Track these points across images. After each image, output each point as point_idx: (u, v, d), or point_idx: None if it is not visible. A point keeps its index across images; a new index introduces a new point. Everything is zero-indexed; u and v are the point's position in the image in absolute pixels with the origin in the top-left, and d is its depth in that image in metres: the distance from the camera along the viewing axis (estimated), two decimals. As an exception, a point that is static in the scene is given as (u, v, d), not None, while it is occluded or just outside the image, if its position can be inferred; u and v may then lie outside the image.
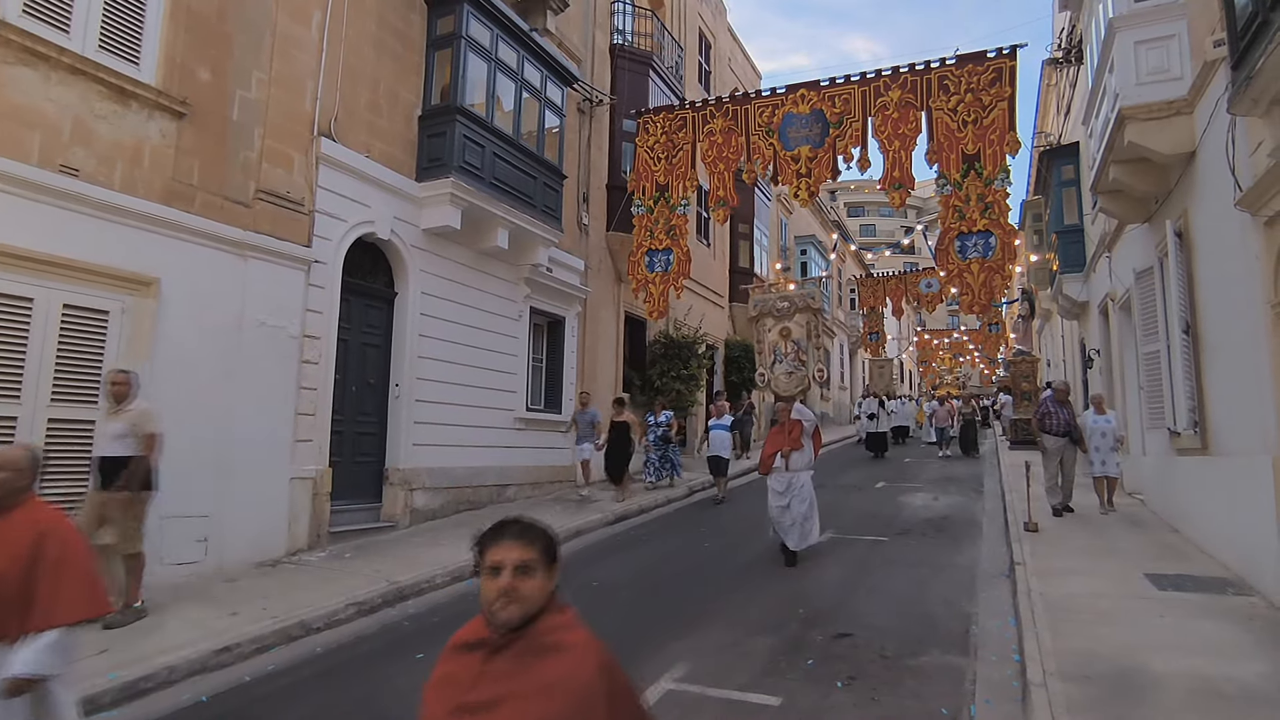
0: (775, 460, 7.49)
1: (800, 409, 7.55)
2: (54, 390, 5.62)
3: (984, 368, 44.41)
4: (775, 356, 8.38)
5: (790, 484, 7.34)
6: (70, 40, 5.79)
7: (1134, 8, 6.98)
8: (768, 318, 8.49)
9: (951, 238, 8.99)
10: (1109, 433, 9.13)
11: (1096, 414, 9.29)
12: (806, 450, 7.55)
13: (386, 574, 6.59)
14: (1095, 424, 9.17)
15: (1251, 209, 5.24)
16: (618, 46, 14.21)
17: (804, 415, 7.57)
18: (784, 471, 7.41)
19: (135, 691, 4.32)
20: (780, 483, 7.41)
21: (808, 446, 7.56)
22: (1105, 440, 9.09)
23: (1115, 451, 9.14)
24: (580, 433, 10.83)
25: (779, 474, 7.44)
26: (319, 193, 7.87)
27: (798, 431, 7.51)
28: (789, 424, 7.55)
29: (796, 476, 7.40)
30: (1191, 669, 4.20)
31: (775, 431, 7.75)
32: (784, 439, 7.51)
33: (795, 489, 7.33)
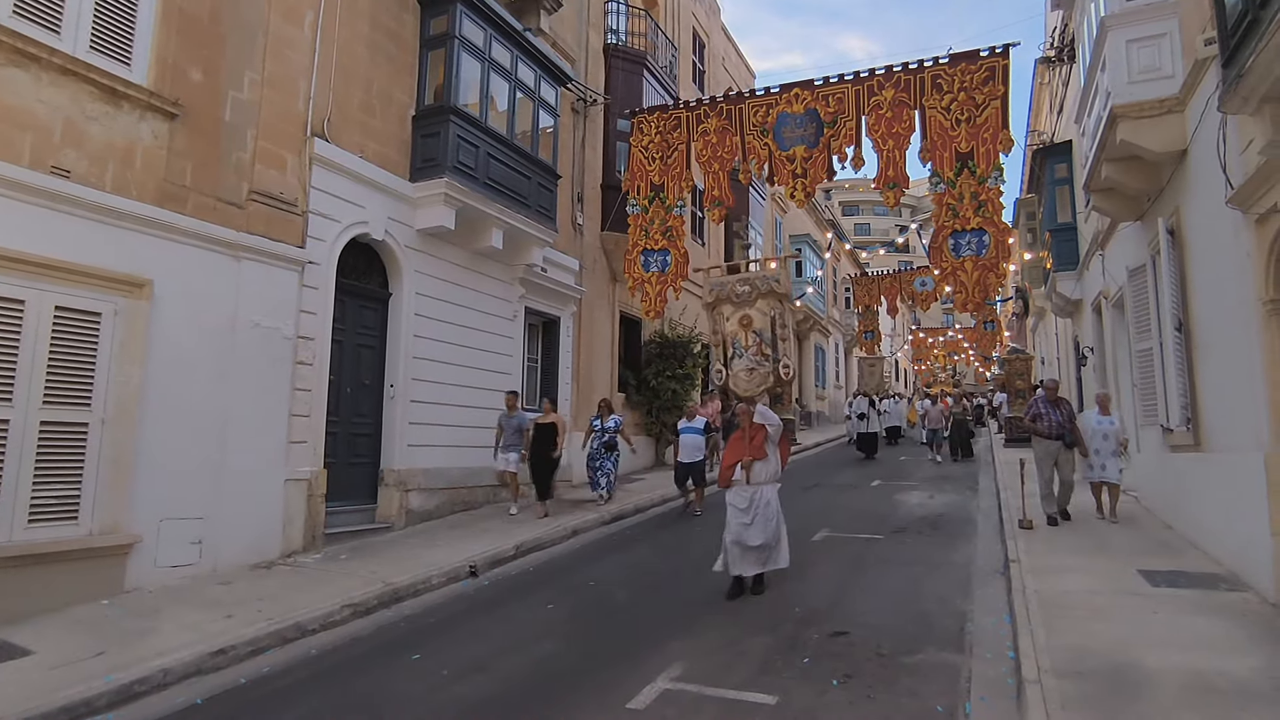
0: (735, 472, 6.46)
1: (763, 412, 6.50)
2: (46, 393, 5.59)
3: (979, 366, 44.56)
4: (734, 350, 6.94)
5: (754, 500, 6.36)
6: (61, 41, 5.77)
7: (1125, 6, 7.01)
8: (725, 304, 7.06)
9: (945, 236, 9.00)
10: (1111, 435, 8.43)
11: (1100, 414, 8.64)
12: (772, 460, 6.48)
13: (382, 575, 6.58)
14: (1098, 425, 8.50)
15: (1243, 206, 5.27)
16: (612, 46, 14.20)
17: (768, 419, 6.46)
18: (745, 485, 6.41)
19: (130, 694, 4.31)
20: (741, 499, 6.39)
21: (773, 455, 6.51)
22: (1107, 443, 8.40)
23: (1118, 456, 8.45)
24: (506, 440, 9.55)
25: (740, 488, 6.43)
26: (312, 193, 7.85)
27: (760, 438, 6.44)
28: (750, 429, 6.49)
29: (760, 491, 6.38)
30: (1185, 664, 4.22)
31: (735, 438, 6.68)
32: (745, 447, 6.47)
33: (759, 505, 6.33)
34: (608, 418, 10.65)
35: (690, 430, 10.40)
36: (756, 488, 6.37)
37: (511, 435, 9.51)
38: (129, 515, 6.01)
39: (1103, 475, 8.46)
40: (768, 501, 6.35)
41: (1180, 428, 7.03)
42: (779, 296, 6.95)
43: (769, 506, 6.35)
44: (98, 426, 5.90)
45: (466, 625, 5.76)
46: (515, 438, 9.51)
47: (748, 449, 6.45)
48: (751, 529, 6.29)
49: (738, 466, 6.45)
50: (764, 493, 6.37)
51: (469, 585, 6.89)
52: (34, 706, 3.93)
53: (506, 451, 9.46)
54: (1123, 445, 8.53)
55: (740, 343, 6.95)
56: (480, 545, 7.83)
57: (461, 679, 4.64)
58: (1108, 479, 8.45)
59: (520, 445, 9.51)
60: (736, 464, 6.47)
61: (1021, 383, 19.37)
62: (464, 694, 4.42)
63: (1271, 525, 5.16)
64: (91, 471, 5.85)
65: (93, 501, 5.84)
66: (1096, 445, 8.43)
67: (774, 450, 6.53)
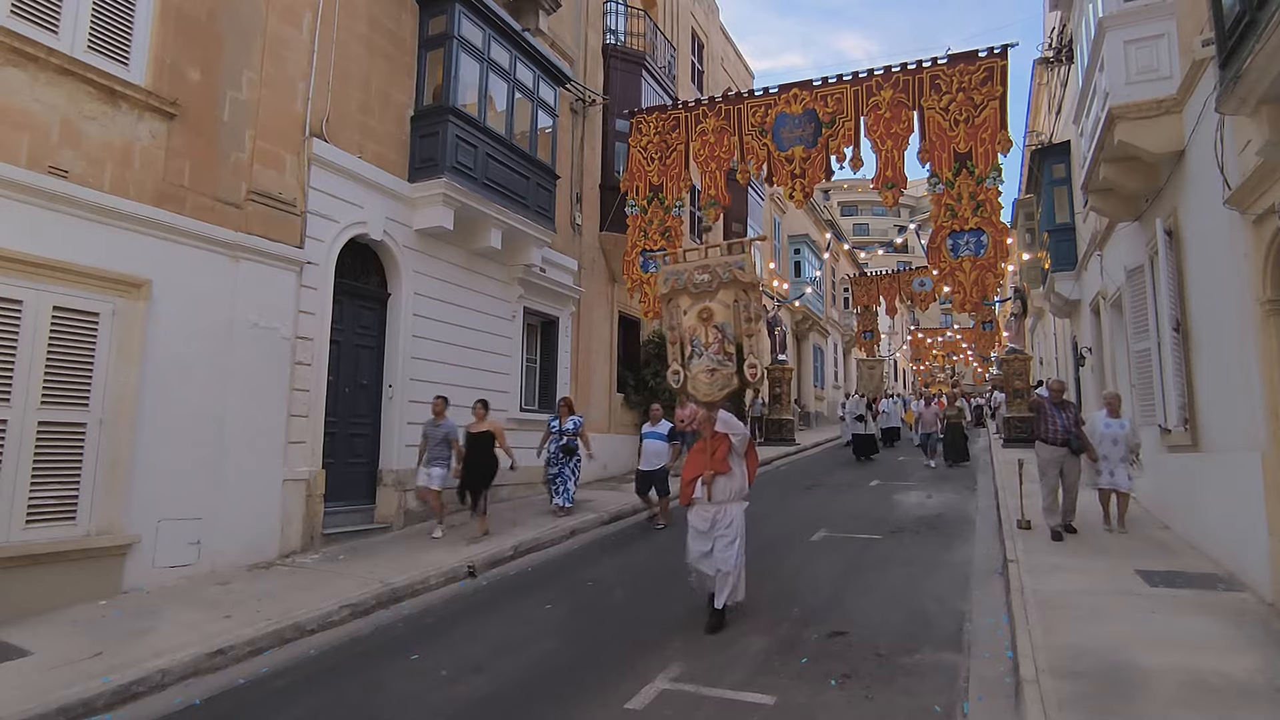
0: (696, 489, 5.66)
1: (726, 419, 5.66)
2: (44, 393, 5.58)
3: (977, 366, 44.62)
4: (693, 348, 5.97)
5: (715, 521, 5.53)
6: (59, 41, 5.76)
7: (1123, 7, 7.02)
8: (682, 296, 6.06)
9: (943, 236, 9.03)
10: (1121, 440, 7.76)
11: (1109, 417, 7.95)
12: (736, 474, 5.65)
13: (380, 576, 6.58)
14: (1107, 429, 7.84)
15: (1240, 207, 5.28)
16: (610, 46, 14.21)
17: (731, 427, 5.64)
18: (706, 503, 5.60)
19: (128, 695, 4.30)
20: (702, 519, 5.59)
21: (737, 469, 5.67)
22: (1116, 449, 7.75)
23: (1128, 463, 7.79)
24: (430, 452, 8.23)
25: (701, 507, 5.63)
26: (311, 194, 7.85)
27: (723, 450, 5.62)
28: (712, 440, 5.68)
29: (723, 511, 5.55)
30: (1182, 664, 4.23)
31: (696, 450, 5.87)
32: (706, 460, 5.66)
33: (720, 527, 5.50)
34: (566, 418, 9.64)
35: (653, 435, 9.57)
36: (719, 507, 5.57)
37: (437, 446, 8.23)
38: (127, 516, 6.01)
39: (1111, 482, 7.81)
40: (730, 522, 5.53)
41: (1178, 428, 7.04)
42: (744, 285, 5.85)
43: (731, 528, 5.52)
44: (95, 427, 5.89)
45: (465, 626, 5.76)
46: (442, 449, 8.25)
47: (709, 462, 5.63)
48: (710, 556, 5.50)
49: (698, 482, 5.63)
50: (727, 512, 5.57)
51: (467, 586, 6.89)
52: (32, 707, 3.93)
53: (430, 465, 8.19)
54: (1134, 451, 7.86)
55: (700, 340, 5.94)
56: (478, 546, 7.83)
57: (460, 679, 4.64)
58: (1117, 486, 7.81)
59: (448, 458, 8.25)
60: (697, 479, 5.65)
61: (1020, 383, 19.38)
62: (462, 694, 4.42)
63: (1268, 525, 5.18)
64: (89, 472, 5.84)
65: (90, 502, 5.84)
66: (1105, 450, 7.81)
67: (739, 463, 5.70)
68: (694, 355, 5.99)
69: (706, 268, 6.01)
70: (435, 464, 8.19)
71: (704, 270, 6.02)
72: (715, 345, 5.89)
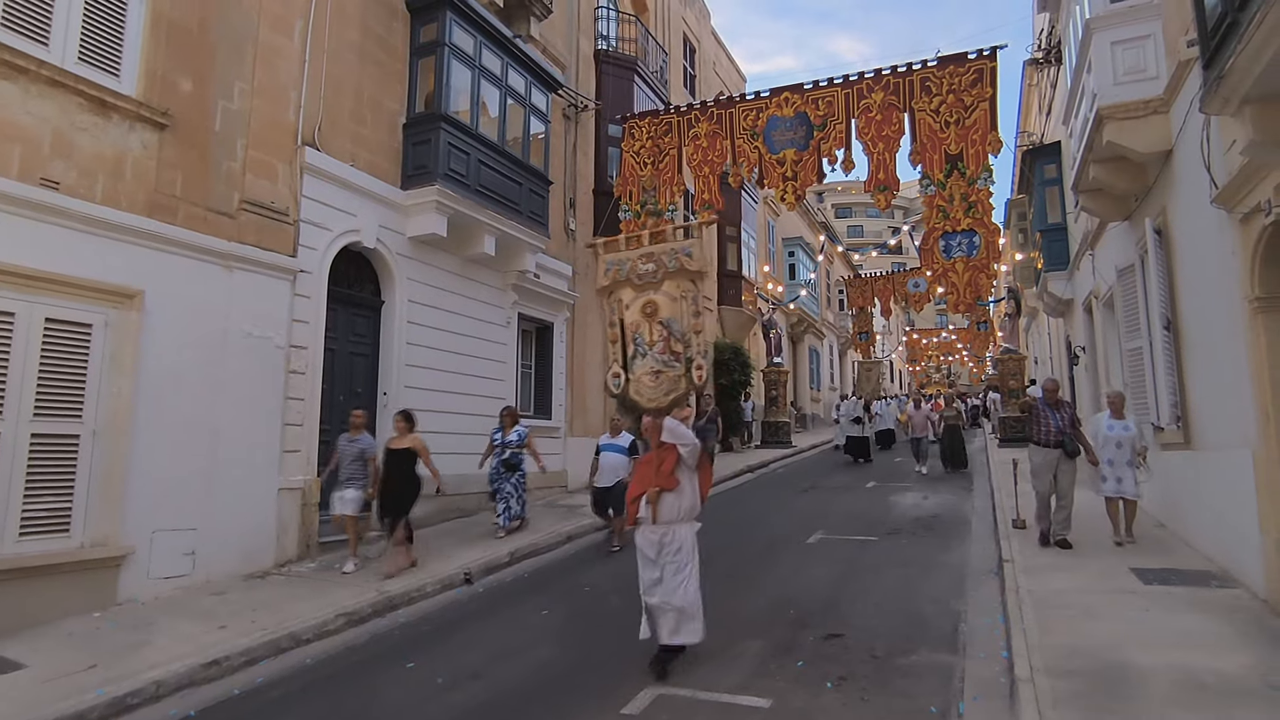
0: (640, 508, 4.91)
1: (674, 427, 4.91)
2: (36, 405, 5.57)
3: (973, 366, 44.72)
4: (636, 347, 5.29)
5: (663, 545, 4.82)
6: (49, 53, 5.77)
7: (1110, 8, 7.07)
8: (624, 288, 5.41)
9: (936, 237, 9.08)
10: (1126, 442, 7.21)
11: (1112, 418, 7.42)
12: (685, 491, 4.89)
13: (376, 584, 6.57)
14: (1110, 431, 7.30)
15: (1227, 206, 5.32)
16: (602, 52, 14.25)
17: (679, 437, 4.88)
18: (651, 525, 4.87)
19: (123, 707, 4.29)
20: (649, 544, 4.87)
21: (688, 485, 4.92)
22: (1122, 452, 7.20)
23: (1134, 467, 7.23)
24: (345, 471, 7.18)
25: (647, 529, 4.90)
26: (304, 202, 7.85)
27: (671, 462, 4.87)
28: (659, 452, 4.97)
29: (671, 532, 4.83)
30: (1176, 662, 4.25)
31: (642, 463, 5.21)
32: (652, 474, 4.94)
33: (669, 552, 4.80)
34: (510, 429, 8.79)
35: (612, 448, 8.67)
36: (666, 528, 4.84)
37: (351, 464, 7.18)
38: (121, 527, 5.99)
39: (1118, 490, 7.24)
40: (679, 547, 4.80)
41: (1170, 426, 7.07)
42: (692, 275, 5.19)
43: (680, 554, 4.79)
44: (89, 438, 5.88)
45: (461, 632, 5.76)
46: (357, 468, 7.18)
47: (655, 477, 4.90)
48: (659, 585, 4.80)
49: (642, 501, 4.90)
50: (676, 535, 4.83)
51: (463, 592, 6.88)
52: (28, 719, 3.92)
53: (344, 487, 7.13)
54: (1141, 454, 7.27)
55: (644, 338, 5.25)
56: (475, 552, 7.82)
57: (457, 686, 4.63)
58: (1124, 494, 7.23)
59: (365, 479, 7.19)
60: (641, 497, 4.92)
61: (1015, 382, 19.44)
62: (459, 702, 4.41)
63: (1260, 522, 5.20)
64: (83, 483, 5.83)
65: (84, 514, 5.82)
66: (1109, 455, 7.25)
67: (689, 478, 4.94)
68: (637, 355, 5.30)
69: (651, 256, 5.31)
70: (350, 485, 7.14)
71: (648, 259, 5.32)
72: (660, 343, 5.21)
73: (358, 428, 7.40)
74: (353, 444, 7.29)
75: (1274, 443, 5.05)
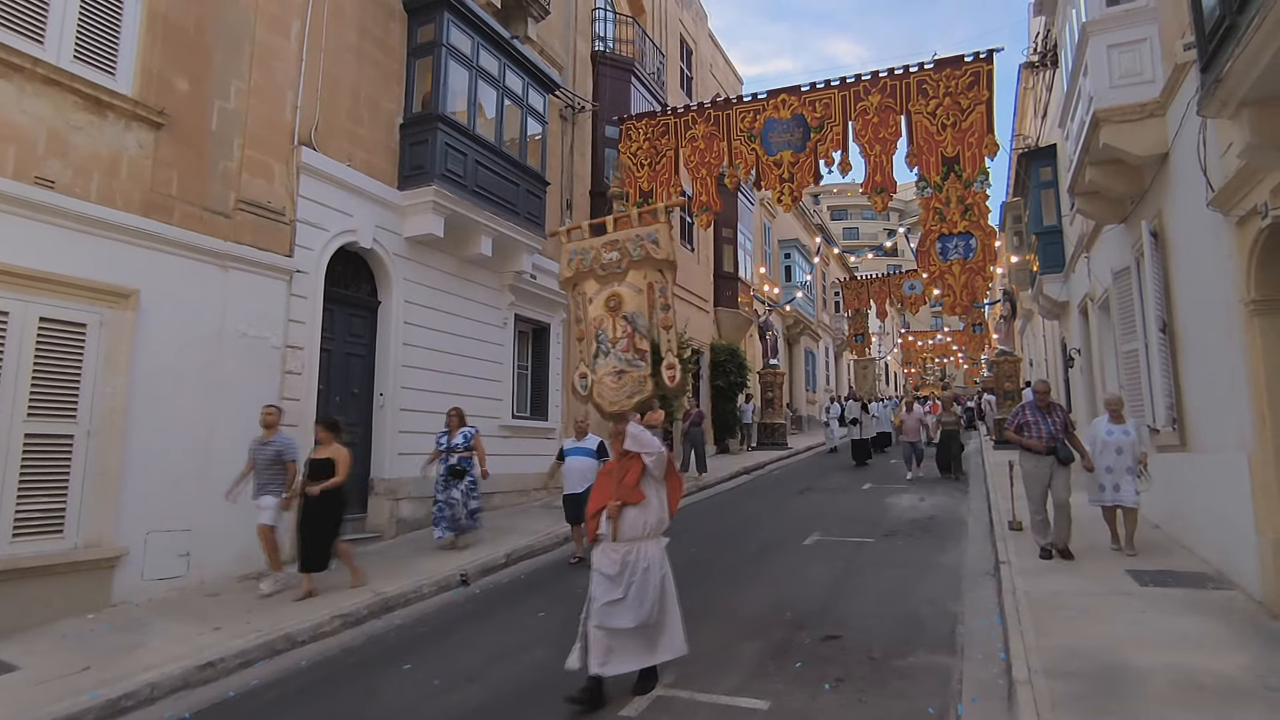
0: (601, 523, 4.49)
1: (638, 434, 4.46)
2: (30, 405, 5.54)
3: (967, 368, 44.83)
4: (599, 345, 4.78)
5: (625, 564, 4.33)
6: (45, 51, 5.74)
7: (1106, 12, 7.09)
8: (588, 280, 4.89)
9: (932, 240, 9.10)
10: (1126, 448, 6.82)
11: (1111, 422, 7.03)
12: (652, 504, 4.46)
13: (372, 585, 6.54)
14: (1109, 437, 6.93)
15: (1223, 209, 5.33)
16: (599, 53, 14.26)
17: (643, 444, 4.44)
18: (612, 542, 4.42)
19: (117, 709, 4.26)
20: (609, 563, 4.37)
21: (654, 498, 4.48)
22: (1122, 459, 6.81)
23: (1135, 475, 6.83)
24: (260, 477, 6.48)
25: (607, 547, 4.44)
26: (300, 202, 7.83)
27: (635, 473, 4.45)
28: (621, 460, 4.55)
29: (635, 551, 4.37)
30: (1173, 663, 4.25)
31: (603, 473, 4.77)
32: (613, 486, 4.50)
33: (635, 573, 4.32)
34: (456, 432, 8.17)
35: (578, 452, 8.00)
36: (630, 546, 4.38)
37: (267, 470, 6.46)
38: (115, 528, 5.96)
39: (1116, 498, 6.88)
40: (646, 567, 4.34)
41: (1166, 428, 7.09)
42: (659, 265, 4.64)
43: (647, 574, 4.33)
44: (83, 439, 5.85)
45: (458, 634, 5.74)
46: (273, 474, 6.46)
47: (616, 488, 4.46)
48: (622, 607, 4.28)
49: (603, 515, 4.47)
50: (641, 554, 4.37)
51: (460, 594, 6.86)
52: (19, 723, 3.89)
53: (261, 495, 6.43)
54: (1141, 461, 6.87)
55: (606, 334, 4.76)
56: (471, 553, 7.80)
57: (453, 688, 4.61)
58: (1122, 502, 6.87)
59: (281, 486, 6.48)
60: (601, 511, 4.48)
61: (1010, 384, 19.49)
62: (456, 704, 4.39)
63: (1256, 524, 5.21)
64: (77, 484, 5.80)
65: (78, 515, 5.79)
66: (1108, 462, 6.88)
67: (656, 490, 4.50)
68: (599, 353, 4.77)
69: (615, 243, 4.79)
70: (266, 492, 6.45)
71: (612, 247, 4.80)
72: (624, 341, 4.70)
73: (270, 427, 6.58)
74: (265, 446, 6.52)
75: (1270, 445, 5.07)
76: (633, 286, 4.73)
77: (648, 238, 4.70)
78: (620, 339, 4.72)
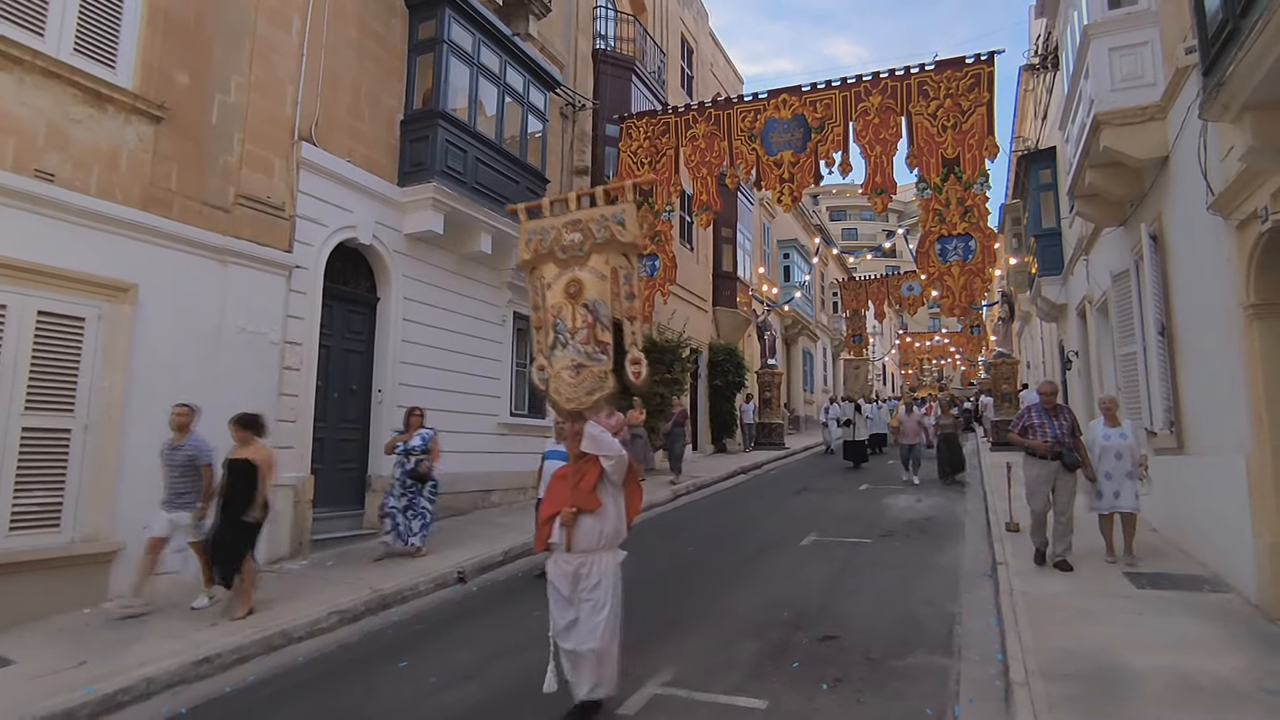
0: (553, 531, 4.09)
1: (596, 436, 4.07)
2: (27, 398, 5.52)
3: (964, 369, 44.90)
4: (556, 335, 4.31)
5: (578, 577, 3.99)
6: (45, 43, 5.71)
7: (1107, 15, 7.10)
8: (547, 263, 4.44)
9: (932, 241, 9.09)
10: (1125, 452, 6.60)
11: (1107, 425, 6.80)
12: (609, 513, 4.06)
13: (369, 582, 6.53)
14: (1106, 440, 6.69)
15: (1224, 212, 5.35)
16: (600, 51, 14.25)
17: (602, 446, 4.05)
18: (566, 553, 4.03)
19: (113, 704, 4.25)
20: (562, 577, 4.02)
21: (611, 505, 4.08)
22: (1121, 463, 6.59)
23: (1134, 479, 6.62)
24: (170, 484, 5.74)
25: (560, 558, 4.06)
26: (300, 198, 7.81)
27: (592, 477, 4.04)
28: (578, 464, 4.13)
29: (588, 564, 4.00)
30: (1169, 665, 4.26)
31: (558, 476, 4.30)
32: (567, 491, 4.09)
33: (586, 588, 3.98)
34: (413, 433, 7.66)
35: (557, 455, 6.58)
36: (583, 558, 4.00)
37: (180, 476, 5.73)
38: (112, 522, 5.94)
39: (1115, 505, 6.61)
40: (597, 582, 3.96)
41: (1164, 430, 7.10)
42: (624, 248, 4.20)
43: (599, 589, 3.95)
44: (80, 433, 5.83)
45: (455, 632, 5.73)
46: (187, 482, 5.75)
47: (570, 494, 4.05)
48: (576, 626, 3.95)
49: (555, 523, 4.07)
50: (595, 566, 3.99)
51: (457, 591, 6.85)
52: (14, 718, 3.87)
53: (173, 506, 5.70)
54: (1142, 464, 6.66)
55: (565, 323, 4.29)
56: (468, 551, 7.79)
57: (450, 686, 4.61)
58: (1122, 508, 6.61)
59: (196, 495, 5.76)
60: (554, 519, 4.08)
61: (1008, 386, 19.52)
62: (453, 702, 4.39)
63: (1253, 527, 5.23)
64: (74, 478, 5.78)
65: (75, 509, 5.77)
66: (1107, 467, 6.63)
67: (614, 498, 4.10)
68: (557, 345, 4.30)
69: (578, 223, 4.34)
70: (180, 502, 5.71)
71: (575, 227, 4.34)
72: (584, 331, 4.23)
73: (180, 429, 5.78)
74: (176, 451, 5.73)
75: (1268, 448, 5.08)
76: (595, 271, 4.25)
77: (613, 218, 4.24)
78: (580, 329, 4.24)
